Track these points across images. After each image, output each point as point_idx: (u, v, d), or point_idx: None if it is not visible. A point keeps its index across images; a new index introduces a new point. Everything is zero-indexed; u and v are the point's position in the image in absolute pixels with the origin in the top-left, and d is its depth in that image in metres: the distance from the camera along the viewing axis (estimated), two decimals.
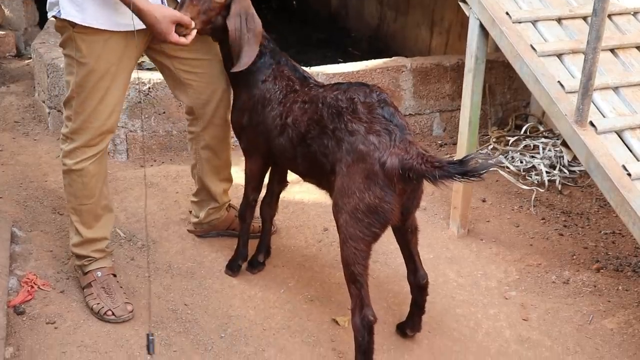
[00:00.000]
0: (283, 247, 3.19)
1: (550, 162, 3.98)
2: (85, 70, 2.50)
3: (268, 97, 2.60)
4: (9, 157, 3.90)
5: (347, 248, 2.28)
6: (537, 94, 2.78)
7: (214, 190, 3.04)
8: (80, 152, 2.61)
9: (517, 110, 4.61)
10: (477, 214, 3.55)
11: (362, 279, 2.30)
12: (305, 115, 2.43)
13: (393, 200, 2.21)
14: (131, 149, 4.00)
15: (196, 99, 2.82)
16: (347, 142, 2.25)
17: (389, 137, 2.19)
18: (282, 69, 2.64)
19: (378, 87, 2.35)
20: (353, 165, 2.23)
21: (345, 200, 2.25)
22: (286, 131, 2.50)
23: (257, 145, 2.70)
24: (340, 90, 2.37)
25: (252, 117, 2.65)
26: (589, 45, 2.47)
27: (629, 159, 2.56)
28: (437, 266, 3.11)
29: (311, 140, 2.40)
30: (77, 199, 2.69)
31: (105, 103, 2.55)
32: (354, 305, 2.33)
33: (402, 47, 5.93)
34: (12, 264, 2.86)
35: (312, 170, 2.48)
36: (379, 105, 2.26)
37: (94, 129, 2.58)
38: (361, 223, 2.23)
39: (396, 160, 2.16)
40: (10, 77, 5.11)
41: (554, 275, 3.08)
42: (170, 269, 2.99)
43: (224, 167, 3.03)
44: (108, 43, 2.48)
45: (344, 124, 2.27)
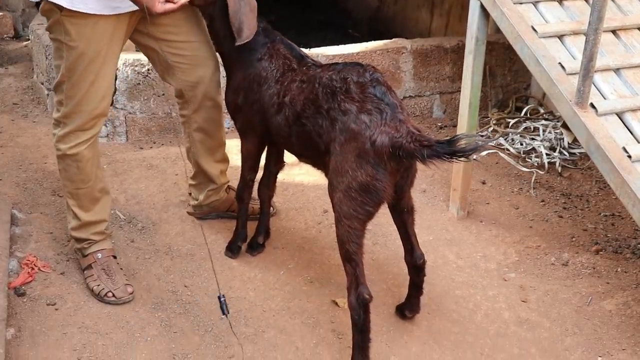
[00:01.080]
0: (283, 229, 3.19)
1: (550, 144, 3.98)
2: (75, 54, 2.47)
3: (264, 75, 2.60)
4: (8, 139, 3.89)
5: (342, 226, 2.30)
6: (537, 75, 2.76)
7: (210, 172, 3.04)
8: (74, 137, 2.60)
9: (518, 92, 4.59)
10: (477, 196, 3.55)
11: (356, 257, 2.31)
12: (302, 95, 2.43)
13: (385, 179, 2.22)
14: (130, 131, 3.99)
15: (185, 81, 2.80)
16: (340, 121, 2.27)
17: (380, 116, 2.20)
18: (278, 47, 2.64)
19: (372, 67, 2.36)
20: (346, 144, 2.25)
21: (339, 179, 2.27)
22: (283, 110, 2.51)
23: (253, 125, 2.70)
24: (335, 70, 2.39)
25: (248, 96, 2.65)
26: (590, 27, 2.45)
27: (629, 141, 2.55)
28: (437, 248, 3.12)
29: (306, 120, 2.41)
30: (73, 183, 2.69)
31: (96, 86, 2.54)
32: (349, 283, 2.34)
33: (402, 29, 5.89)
34: (12, 246, 2.87)
35: (307, 150, 2.50)
36: (371, 84, 2.27)
37: (86, 113, 2.56)
38: (354, 201, 2.25)
39: (386, 139, 2.17)
40: (8, 59, 5.09)
41: (553, 257, 3.09)
42: (170, 251, 2.99)
43: (218, 148, 3.03)
44: (97, 26, 2.45)
45: (337, 103, 2.29)
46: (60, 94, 2.58)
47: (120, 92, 3.90)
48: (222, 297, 2.37)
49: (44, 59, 4.13)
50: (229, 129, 3.97)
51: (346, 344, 2.53)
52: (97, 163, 2.72)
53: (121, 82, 3.88)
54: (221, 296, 2.37)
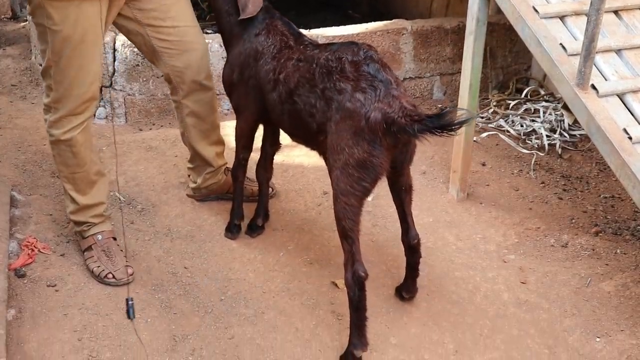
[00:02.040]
0: (282, 210, 3.19)
1: (550, 126, 3.97)
2: (60, 38, 2.44)
3: (261, 50, 2.61)
4: (6, 120, 3.88)
5: (339, 203, 2.31)
6: (538, 56, 2.75)
7: (206, 155, 3.02)
8: (67, 122, 2.58)
9: (518, 73, 4.57)
10: (477, 178, 3.55)
11: (353, 234, 2.32)
12: (297, 73, 2.44)
13: (381, 155, 2.23)
14: (129, 113, 3.97)
15: (172, 67, 2.78)
16: (336, 100, 2.28)
17: (374, 93, 2.21)
18: (276, 23, 2.66)
19: (367, 45, 2.36)
20: (341, 123, 2.26)
21: (336, 157, 2.28)
22: (277, 87, 2.52)
23: (247, 102, 2.71)
24: (331, 50, 2.40)
25: (244, 72, 2.67)
26: (592, 7, 2.44)
27: (630, 123, 2.55)
28: (437, 230, 3.12)
29: (298, 98, 2.43)
30: (68, 168, 2.68)
31: (84, 70, 2.50)
32: (345, 260, 2.36)
33: (402, 10, 5.85)
34: (12, 228, 2.87)
35: (297, 129, 2.53)
36: (365, 62, 2.28)
37: (76, 97, 2.54)
38: (351, 178, 2.26)
39: (379, 115, 2.18)
40: (6, 40, 5.05)
41: (552, 239, 3.09)
42: (170, 233, 2.99)
43: (212, 131, 3.01)
44: (81, 9, 2.41)
45: (332, 83, 2.30)
46: (48, 79, 2.55)
47: (119, 73, 3.88)
48: (130, 301, 2.50)
49: None
50: (228, 111, 3.95)
51: (345, 325, 2.54)
52: (91, 146, 2.71)
53: (120, 63, 3.86)
54: (129, 299, 2.50)
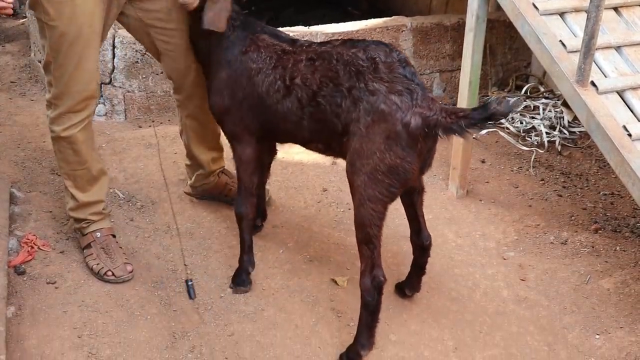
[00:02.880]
0: (282, 207, 3.19)
1: (550, 123, 3.97)
2: (57, 34, 2.43)
3: (255, 66, 2.45)
4: (6, 117, 3.88)
5: (365, 209, 2.25)
6: (538, 53, 2.75)
7: (201, 158, 3.01)
8: (67, 119, 2.58)
9: (518, 70, 4.57)
10: (476, 175, 3.55)
11: (376, 240, 2.29)
12: (318, 73, 2.31)
13: (414, 160, 2.20)
14: (129, 110, 3.97)
15: (174, 69, 2.76)
16: (366, 101, 2.20)
17: (411, 97, 2.16)
18: (262, 38, 2.50)
19: (396, 47, 2.31)
20: (373, 126, 2.19)
21: (364, 161, 2.21)
22: (293, 92, 2.37)
23: (246, 124, 2.53)
24: (358, 47, 2.29)
25: (236, 95, 2.50)
26: (592, 4, 2.43)
27: (630, 120, 2.54)
28: (436, 227, 3.12)
29: (322, 99, 2.30)
30: (69, 165, 2.68)
31: (81, 68, 2.49)
32: (364, 266, 2.32)
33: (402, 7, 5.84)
34: (11, 225, 2.87)
35: (320, 132, 2.38)
36: (400, 64, 2.22)
37: (75, 94, 2.53)
38: (381, 184, 2.21)
39: (420, 120, 2.14)
40: (5, 37, 5.05)
41: (552, 236, 3.09)
42: (170, 229, 2.99)
43: (210, 136, 2.98)
44: (76, 4, 2.40)
45: (363, 83, 2.21)
46: (49, 74, 2.55)
47: (119, 70, 3.88)
48: (190, 282, 2.44)
49: None
50: None
51: (345, 322, 2.54)
52: (92, 145, 2.71)
53: (119, 60, 3.85)
54: (189, 280, 2.44)
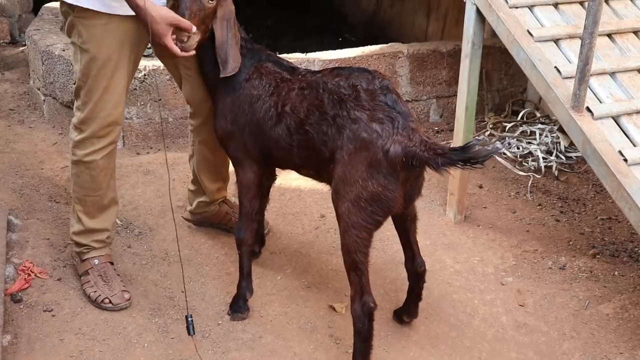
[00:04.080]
0: (280, 234, 3.19)
1: (547, 148, 3.98)
2: (87, 57, 2.48)
3: (255, 93, 2.50)
4: (4, 145, 3.89)
5: (349, 236, 2.27)
6: (533, 79, 2.77)
7: (206, 186, 3.01)
8: (90, 144, 2.59)
9: (514, 96, 4.60)
10: (474, 200, 3.56)
11: (363, 266, 2.29)
12: (305, 102, 2.36)
13: (396, 188, 2.20)
14: (127, 136, 3.98)
15: (193, 94, 2.79)
16: (349, 129, 2.23)
17: (392, 125, 2.17)
18: (266, 66, 2.55)
19: (380, 74, 2.33)
20: (355, 153, 2.21)
21: (348, 188, 2.23)
22: (283, 120, 2.42)
23: (247, 149, 2.58)
24: (341, 76, 2.33)
25: (239, 120, 2.55)
26: (586, 30, 2.46)
27: (625, 145, 2.56)
28: (434, 252, 3.12)
29: (309, 127, 2.35)
30: (83, 190, 2.69)
31: (110, 92, 2.53)
32: (354, 292, 2.32)
33: (398, 34, 5.91)
34: (8, 252, 2.86)
35: (309, 159, 2.43)
36: (382, 92, 2.24)
37: (101, 119, 2.56)
38: (364, 211, 2.22)
39: (399, 148, 2.15)
40: (4, 65, 5.08)
41: (550, 261, 3.09)
42: (168, 257, 2.99)
43: (220, 166, 2.99)
44: (107, 28, 2.45)
45: (346, 111, 2.24)
46: (78, 99, 2.59)
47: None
48: (190, 318, 2.41)
49: (40, 64, 4.13)
50: None
51: (344, 349, 2.53)
52: (112, 174, 2.71)
53: None
54: (189, 316, 2.41)
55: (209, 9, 2.44)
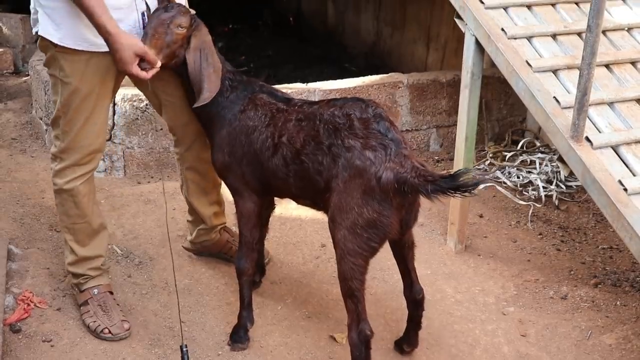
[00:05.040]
0: (280, 263, 3.18)
1: (547, 177, 3.99)
2: (69, 90, 2.49)
3: (252, 124, 2.51)
4: (5, 174, 3.90)
5: (345, 263, 2.28)
6: (533, 109, 2.79)
7: (202, 212, 3.00)
8: (70, 171, 2.61)
9: (514, 125, 4.62)
10: (475, 230, 3.55)
11: (359, 294, 2.30)
12: (302, 132, 2.39)
13: (391, 215, 2.22)
14: (128, 166, 4.00)
15: (175, 120, 2.80)
16: (343, 158, 2.25)
17: (385, 152, 2.20)
18: (260, 97, 2.56)
19: (374, 102, 2.35)
20: (350, 181, 2.24)
21: (343, 215, 2.25)
22: (280, 150, 2.43)
23: (246, 180, 2.58)
24: (336, 106, 2.36)
25: (236, 152, 2.56)
26: (584, 61, 2.48)
27: (625, 174, 2.56)
28: (435, 282, 3.11)
29: (305, 157, 2.37)
30: (69, 218, 2.69)
31: (91, 122, 2.55)
32: (350, 320, 2.32)
33: (398, 63, 5.95)
34: (8, 282, 2.85)
35: (305, 189, 2.44)
36: (375, 120, 2.27)
37: (82, 148, 2.57)
38: (360, 238, 2.24)
39: (391, 175, 2.17)
40: (7, 94, 5.12)
41: (551, 291, 3.08)
42: (168, 286, 2.98)
43: (211, 189, 2.98)
44: (90, 63, 2.47)
45: (340, 139, 2.27)
46: (57, 129, 2.59)
47: (119, 127, 3.92)
48: (185, 348, 2.38)
49: (43, 94, 4.16)
50: None
51: None
52: (94, 198, 2.72)
53: (120, 117, 3.90)
54: (184, 346, 2.38)
55: (176, 35, 2.47)
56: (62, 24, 2.40)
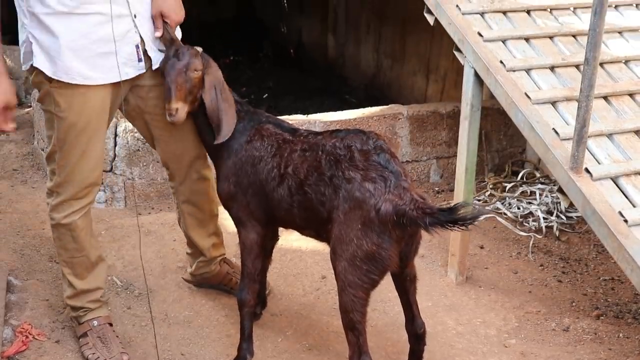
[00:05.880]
0: (281, 295, 3.17)
1: (547, 208, 3.99)
2: (65, 124, 2.49)
3: (258, 155, 2.53)
4: (6, 205, 3.90)
5: (346, 295, 2.27)
6: (532, 141, 2.80)
7: (201, 245, 2.99)
8: (68, 206, 2.60)
9: (514, 156, 4.64)
10: (475, 261, 3.54)
11: (360, 326, 2.29)
12: (306, 163, 2.39)
13: (391, 247, 2.22)
14: (129, 197, 4.00)
15: (168, 153, 2.79)
16: (344, 189, 2.26)
17: (384, 184, 2.21)
18: (267, 127, 2.58)
19: (375, 134, 2.37)
20: (350, 213, 2.24)
21: (344, 247, 2.25)
22: (285, 181, 2.44)
23: (250, 210, 2.58)
24: (338, 137, 2.38)
25: (242, 181, 2.57)
26: (582, 93, 2.50)
27: (625, 206, 2.57)
28: (436, 314, 3.09)
29: (308, 188, 2.38)
30: (67, 252, 2.68)
31: (87, 156, 2.55)
32: (351, 352, 2.31)
33: (398, 95, 5.99)
34: (7, 314, 2.84)
35: (309, 220, 2.44)
36: (375, 152, 2.28)
37: (79, 182, 2.57)
38: (360, 270, 2.24)
39: (390, 207, 2.17)
40: None
41: (553, 323, 3.06)
42: (167, 318, 2.96)
43: (208, 221, 2.97)
44: (86, 97, 2.47)
45: (341, 171, 2.28)
46: (52, 163, 2.59)
47: (120, 158, 3.94)
48: None
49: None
50: None
51: None
52: (91, 231, 2.72)
53: (121, 148, 3.92)
54: None
55: (195, 80, 2.50)
56: (57, 57, 2.40)
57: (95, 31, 2.40)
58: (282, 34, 8.24)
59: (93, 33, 2.40)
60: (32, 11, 2.39)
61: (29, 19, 2.42)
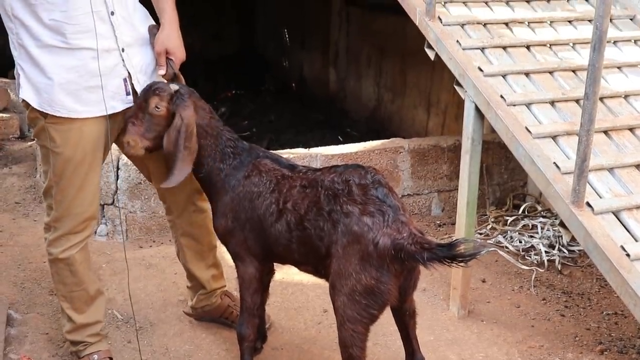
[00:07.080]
0: (282, 328, 3.15)
1: (549, 242, 3.98)
2: (62, 160, 2.49)
3: (256, 190, 2.51)
4: (8, 238, 3.90)
5: (345, 330, 2.26)
6: (533, 175, 2.81)
7: (200, 277, 2.98)
8: (65, 240, 2.60)
9: (515, 190, 4.65)
10: (477, 295, 3.53)
11: None
12: (306, 199, 2.39)
13: (389, 281, 2.21)
14: (130, 230, 4.00)
15: (165, 188, 2.74)
16: (342, 223, 2.26)
17: (382, 218, 2.21)
18: (264, 162, 2.57)
19: (373, 169, 2.38)
20: (348, 247, 2.24)
21: (342, 282, 2.24)
22: (284, 216, 2.43)
23: (248, 246, 2.57)
24: (336, 172, 2.39)
25: (239, 217, 2.55)
26: (583, 128, 2.51)
27: (627, 240, 2.56)
28: (438, 348, 3.06)
29: (308, 223, 2.37)
30: (66, 287, 2.67)
31: (84, 191, 2.55)
32: None
33: (399, 128, 6.03)
34: (6, 347, 2.82)
35: (307, 255, 2.43)
36: (373, 186, 2.28)
37: (76, 216, 2.57)
38: (359, 305, 2.23)
39: (388, 241, 2.17)
40: (12, 159, 5.17)
41: (557, 358, 3.03)
42: (168, 352, 2.94)
43: (207, 253, 2.96)
44: (82, 130, 2.48)
45: (339, 205, 2.29)
46: (49, 198, 2.59)
47: (122, 191, 3.95)
48: None
49: None
50: None
51: None
52: (89, 265, 2.71)
53: (122, 181, 3.93)
54: None
55: (156, 117, 2.48)
56: (43, 90, 2.41)
57: (83, 65, 2.41)
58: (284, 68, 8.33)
59: (81, 67, 2.41)
60: (22, 44, 2.40)
61: (17, 51, 2.43)
